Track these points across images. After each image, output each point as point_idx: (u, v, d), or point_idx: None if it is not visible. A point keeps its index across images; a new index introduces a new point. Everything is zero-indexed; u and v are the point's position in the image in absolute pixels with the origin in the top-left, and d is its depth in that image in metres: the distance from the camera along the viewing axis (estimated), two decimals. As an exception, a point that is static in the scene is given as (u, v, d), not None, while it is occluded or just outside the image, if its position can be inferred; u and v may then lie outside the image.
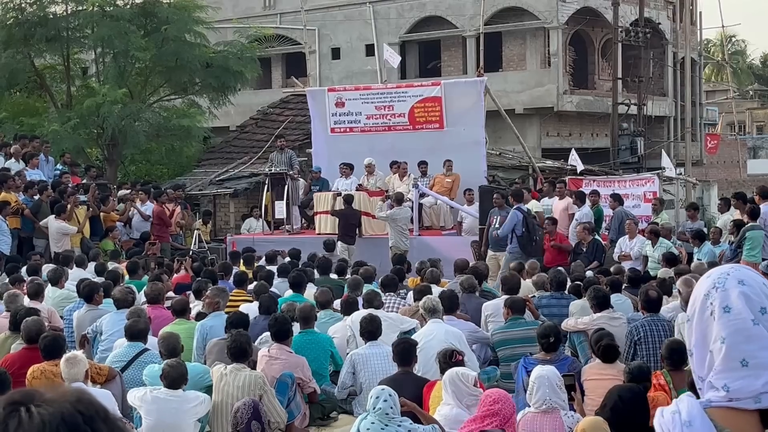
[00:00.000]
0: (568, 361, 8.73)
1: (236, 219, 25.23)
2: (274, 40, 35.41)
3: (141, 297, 12.19)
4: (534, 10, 33.51)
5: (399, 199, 17.80)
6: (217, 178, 26.26)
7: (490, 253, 16.41)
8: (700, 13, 42.80)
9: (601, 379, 7.97)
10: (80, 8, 25.39)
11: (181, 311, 10.42)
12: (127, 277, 13.72)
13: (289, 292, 11.96)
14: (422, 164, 20.30)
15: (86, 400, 1.56)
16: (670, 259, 14.14)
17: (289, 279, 12.31)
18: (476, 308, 11.25)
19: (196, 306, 11.27)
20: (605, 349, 8.07)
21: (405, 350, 8.19)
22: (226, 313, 10.63)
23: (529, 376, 7.41)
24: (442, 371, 7.76)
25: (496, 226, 16.28)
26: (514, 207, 16.21)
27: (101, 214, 18.78)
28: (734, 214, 15.94)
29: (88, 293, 10.98)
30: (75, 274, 13.51)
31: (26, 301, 10.99)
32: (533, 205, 18.27)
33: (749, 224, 13.80)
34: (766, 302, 2.33)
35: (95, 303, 10.90)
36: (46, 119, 24.95)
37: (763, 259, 13.87)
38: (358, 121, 22.39)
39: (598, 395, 7.81)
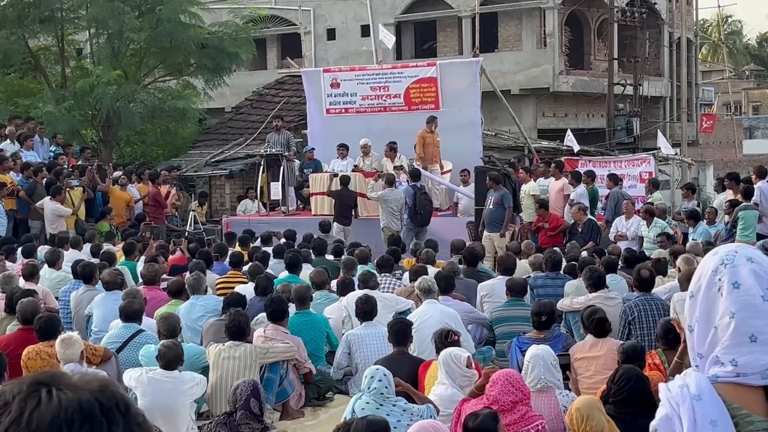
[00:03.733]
0: (561, 338, 8.76)
1: (232, 200, 25.21)
2: (269, 20, 35.25)
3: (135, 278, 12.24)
4: (530, -10, 33.42)
5: (390, 181, 17.79)
6: (212, 160, 26.20)
7: (485, 233, 16.44)
8: (697, -8, 42.69)
9: (592, 357, 7.99)
10: (74, -12, 25.27)
11: (176, 292, 10.43)
12: (123, 258, 13.76)
13: (285, 273, 11.96)
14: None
15: (110, 390, 1.56)
16: (669, 236, 14.17)
17: (285, 260, 12.31)
18: (465, 289, 11.27)
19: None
20: (598, 322, 8.09)
21: (400, 330, 8.21)
22: (221, 294, 10.68)
23: (523, 355, 7.44)
24: (438, 351, 7.78)
25: (491, 207, 16.33)
26: (410, 184, 17.73)
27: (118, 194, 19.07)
28: (728, 194, 15.96)
29: (88, 273, 11.00)
30: (70, 255, 13.50)
31: (21, 283, 11.01)
32: (530, 187, 18.27)
33: (742, 204, 13.82)
34: None
35: (94, 283, 10.92)
36: (40, 100, 24.87)
37: (759, 237, 13.89)
38: (354, 102, 22.34)
39: (592, 373, 7.85)
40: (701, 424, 2.27)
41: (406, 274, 11.92)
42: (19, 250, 13.92)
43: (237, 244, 15.17)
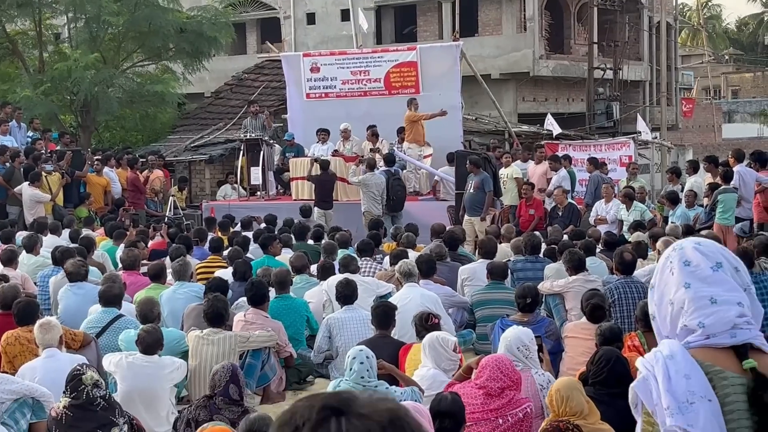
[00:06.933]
0: (545, 322, 8.78)
1: (212, 185, 25.12)
2: (249, 4, 35.11)
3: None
4: (510, -26, 33.37)
5: (371, 165, 17.77)
6: (192, 145, 26.10)
7: (466, 217, 16.46)
8: (676, -23, 42.78)
9: (584, 338, 8.01)
10: (51, -28, 25.06)
11: (155, 276, 10.39)
12: (111, 242, 13.75)
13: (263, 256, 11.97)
14: (402, 131, 20.23)
15: (399, 422, 1.56)
16: (636, 226, 14.14)
17: (259, 241, 12.32)
18: (447, 273, 11.30)
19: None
20: (592, 308, 8.12)
21: (383, 313, 8.21)
22: (201, 279, 10.64)
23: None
24: (418, 334, 7.78)
25: (471, 191, 16.34)
26: (383, 169, 17.73)
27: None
28: (705, 177, 16.03)
29: (66, 259, 10.93)
30: (49, 241, 13.45)
31: (0, 268, 10.95)
32: (512, 170, 18.35)
33: (722, 187, 13.87)
34: (722, 259, 2.55)
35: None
36: (18, 85, 24.68)
37: (738, 220, 13.97)
38: (334, 86, 22.29)
39: (578, 353, 7.89)
40: (675, 378, 2.39)
41: (387, 258, 11.93)
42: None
43: (217, 229, 15.13)
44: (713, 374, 2.41)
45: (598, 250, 12.10)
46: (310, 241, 13.92)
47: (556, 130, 24.35)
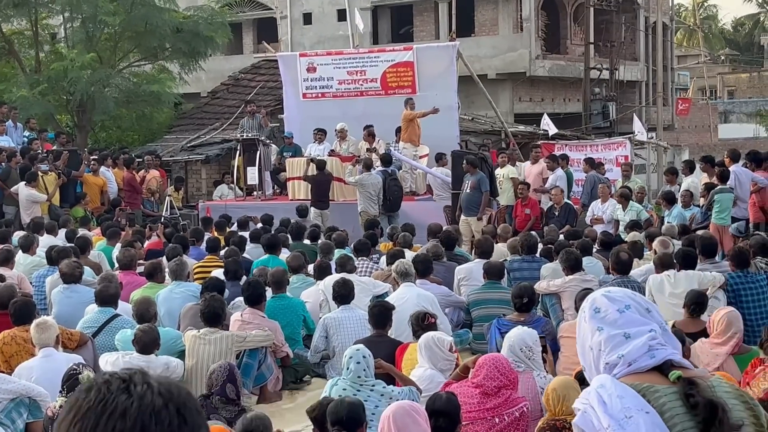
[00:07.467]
0: (541, 322, 8.76)
1: (208, 185, 25.12)
2: (245, 4, 35.12)
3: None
4: (506, -26, 33.40)
5: (368, 165, 17.77)
6: (188, 145, 26.08)
7: (462, 217, 16.47)
8: (672, -23, 42.80)
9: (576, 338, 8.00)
10: (47, -28, 25.02)
11: (151, 274, 10.38)
12: (105, 242, 13.75)
13: (266, 256, 11.97)
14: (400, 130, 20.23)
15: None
16: (633, 226, 14.19)
17: (263, 242, 12.31)
18: (444, 273, 11.30)
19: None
20: None
21: (381, 313, 8.21)
22: (198, 279, 10.63)
23: (502, 337, 7.43)
24: (415, 334, 7.78)
25: (468, 191, 16.35)
26: (380, 169, 17.72)
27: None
28: (702, 177, 16.04)
29: (62, 259, 10.91)
30: (45, 240, 13.44)
31: (-4, 268, 10.94)
32: (508, 171, 18.35)
33: (718, 187, 13.88)
34: (630, 302, 2.75)
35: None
36: (14, 85, 24.64)
37: (734, 220, 13.98)
38: (330, 86, 22.28)
39: (574, 353, 7.87)
40: (609, 400, 2.54)
41: (383, 258, 11.93)
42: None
43: (213, 229, 15.12)
44: (644, 390, 2.56)
45: (594, 249, 12.11)
46: (307, 241, 13.92)
47: (553, 130, 24.36)
